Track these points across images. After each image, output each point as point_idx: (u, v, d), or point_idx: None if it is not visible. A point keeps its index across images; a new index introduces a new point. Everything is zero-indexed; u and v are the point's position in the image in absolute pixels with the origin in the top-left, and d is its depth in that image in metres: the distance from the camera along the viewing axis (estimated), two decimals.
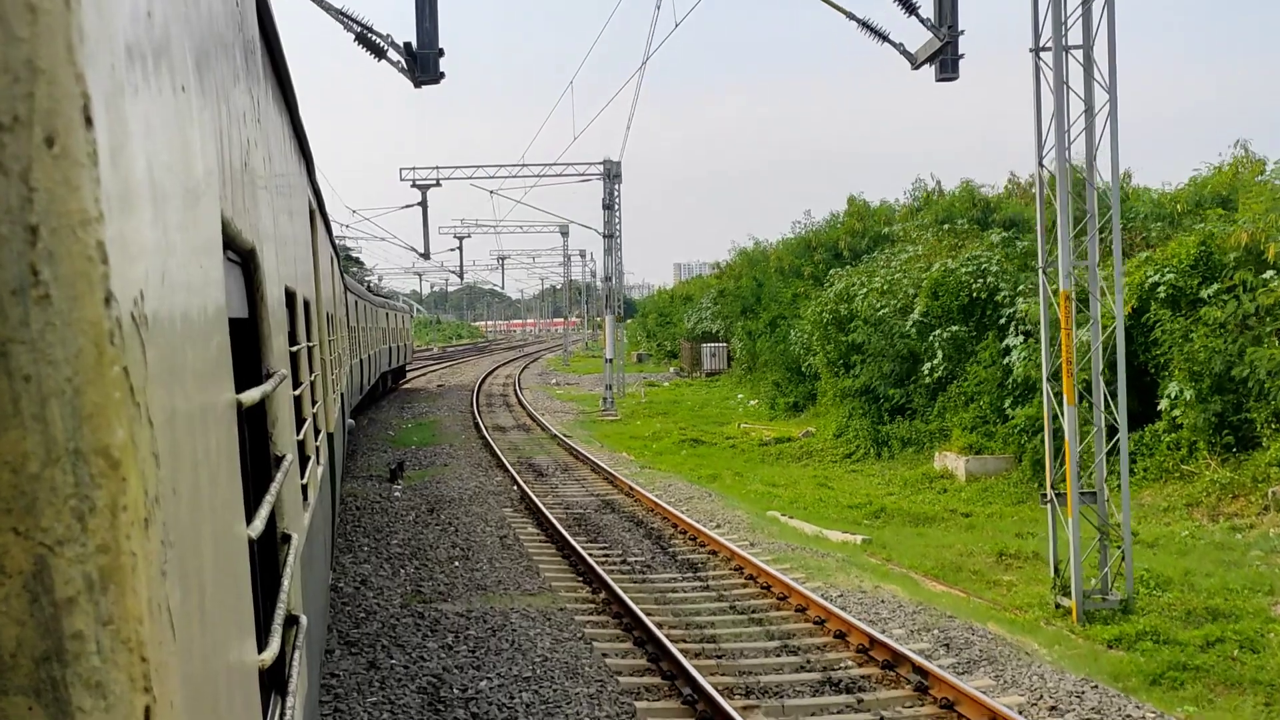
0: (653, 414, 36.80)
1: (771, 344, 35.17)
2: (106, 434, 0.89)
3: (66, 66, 0.86)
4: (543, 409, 38.23)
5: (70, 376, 0.87)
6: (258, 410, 2.71)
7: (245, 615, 1.74)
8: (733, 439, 29.71)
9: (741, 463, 25.96)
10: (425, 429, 32.20)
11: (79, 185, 0.87)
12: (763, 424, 32.54)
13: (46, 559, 0.85)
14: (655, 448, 27.99)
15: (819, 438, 28.12)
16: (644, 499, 18.77)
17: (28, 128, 0.84)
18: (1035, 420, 20.26)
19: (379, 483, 21.20)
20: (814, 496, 20.34)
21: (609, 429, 32.63)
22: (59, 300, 0.86)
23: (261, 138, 3.03)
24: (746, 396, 40.37)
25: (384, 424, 33.35)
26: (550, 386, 50.64)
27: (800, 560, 14.25)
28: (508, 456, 24.93)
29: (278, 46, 3.98)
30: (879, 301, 24.65)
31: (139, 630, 0.91)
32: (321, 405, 6.78)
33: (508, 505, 18.78)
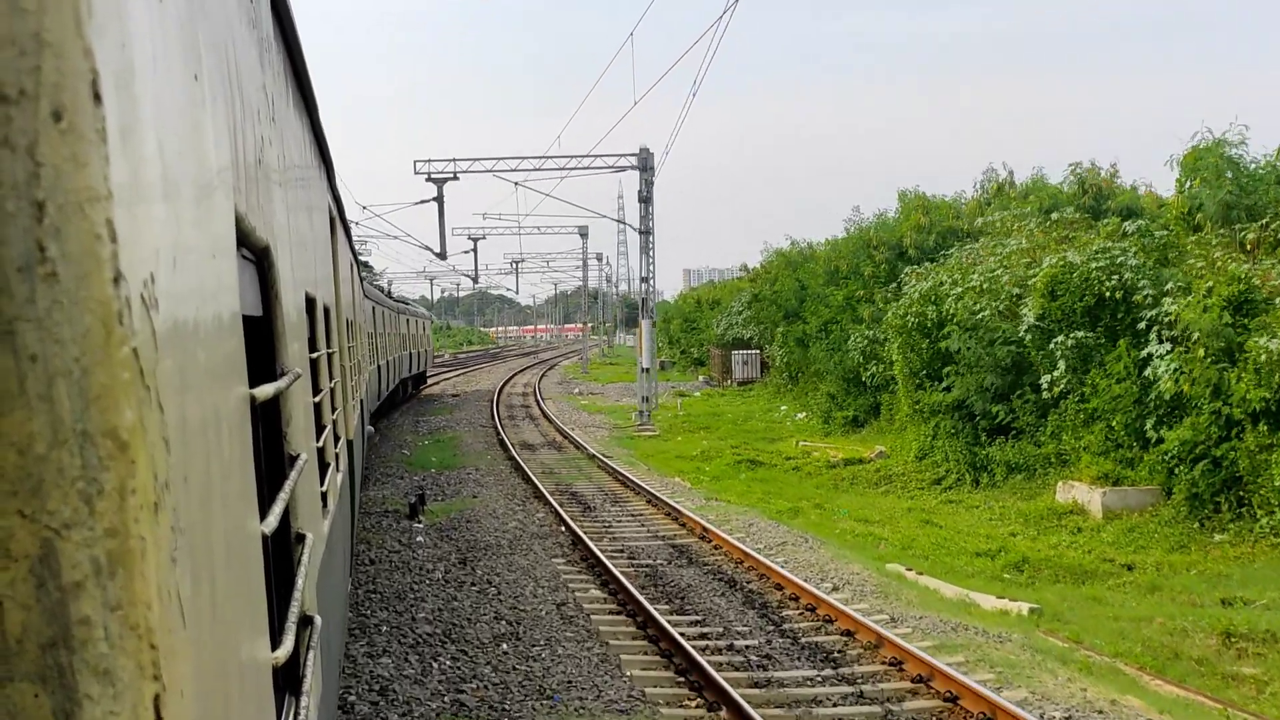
0: (693, 428, 33.01)
1: (826, 352, 31.36)
2: (115, 415, 0.86)
3: (74, 40, 0.84)
4: (571, 422, 34.45)
5: (78, 356, 0.84)
6: (272, 408, 2.64)
7: (258, 611, 1.69)
8: (794, 460, 25.92)
9: (814, 490, 22.16)
10: (444, 447, 28.42)
11: (87, 161, 0.85)
12: (822, 441, 28.73)
13: (53, 542, 0.83)
14: (710, 471, 24.19)
15: (897, 460, 24.32)
16: (726, 545, 14.97)
17: (34, 101, 0.82)
18: (1193, 445, 16.43)
19: (396, 520, 17.42)
20: (927, 539, 16.52)
21: (650, 447, 28.83)
22: (66, 278, 0.83)
23: (277, 137, 2.94)
24: (792, 409, 36.58)
25: (398, 441, 29.58)
26: (574, 396, 46.86)
27: (970, 645, 10.44)
28: (544, 483, 21.15)
29: (297, 49, 3.93)
30: (977, 303, 20.85)
31: (148, 616, 0.88)
32: (341, 412, 6.58)
33: (557, 552, 14.98)
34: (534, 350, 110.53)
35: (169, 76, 1.18)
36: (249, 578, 1.57)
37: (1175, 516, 16.60)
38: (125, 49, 0.96)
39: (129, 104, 0.96)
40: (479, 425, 33.82)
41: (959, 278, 21.68)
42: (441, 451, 27.38)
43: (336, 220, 7.98)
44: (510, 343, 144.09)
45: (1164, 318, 17.45)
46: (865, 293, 30.23)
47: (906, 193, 36.13)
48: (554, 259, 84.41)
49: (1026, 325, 19.60)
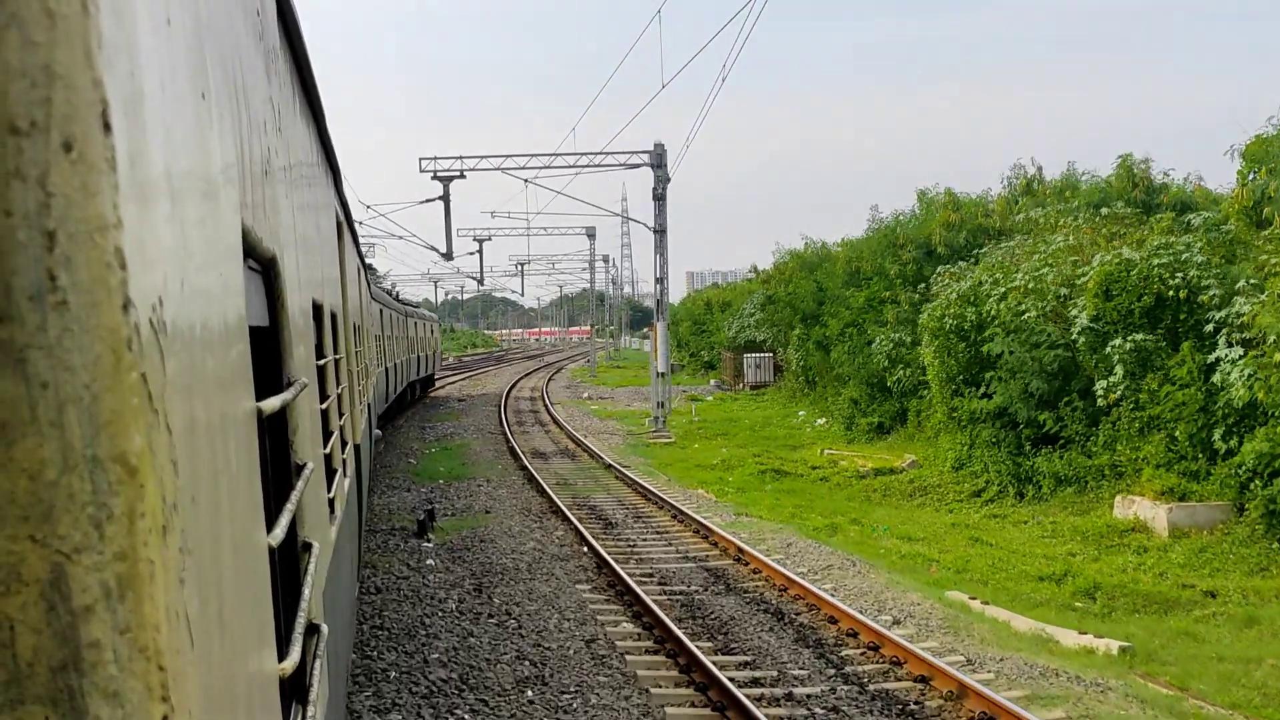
0: (710, 435, 31.62)
1: (848, 355, 29.97)
2: (124, 441, 0.88)
3: (84, 71, 0.85)
4: (583, 429, 33.07)
5: (88, 383, 0.86)
6: (279, 419, 2.60)
7: (265, 623, 1.69)
8: (820, 469, 24.52)
9: (845, 503, 20.77)
10: (452, 455, 27.05)
11: (97, 190, 0.86)
12: (846, 449, 27.33)
13: (64, 567, 0.84)
14: (733, 481, 22.79)
15: (930, 470, 22.91)
16: (766, 569, 13.59)
17: (45, 133, 0.83)
18: (1270, 458, 15.03)
19: (404, 538, 16.04)
20: (981, 561, 15.12)
21: (667, 455, 27.44)
22: (77, 306, 0.85)
23: (284, 147, 2.94)
24: (810, 414, 35.18)
25: (404, 449, 28.22)
26: (582, 401, 45.46)
27: (1067, 696, 9.05)
28: (560, 496, 19.77)
29: (304, 58, 3.91)
30: (1021, 304, 19.45)
31: (156, 638, 0.90)
32: (348, 418, 6.60)
33: (581, 577, 13.60)
34: (539, 353, 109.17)
35: (177, 98, 1.19)
36: (256, 590, 1.57)
37: (1251, 536, 15.19)
38: (134, 77, 0.97)
39: (138, 131, 0.97)
40: (487, 432, 32.45)
41: (1000, 277, 20.27)
42: (450, 461, 26.00)
43: (343, 225, 7.87)
44: (514, 345, 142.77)
45: (1235, 319, 16.04)
46: (890, 293, 28.82)
47: (927, 191, 34.76)
48: (559, 260, 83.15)
49: (1080, 327, 18.19)
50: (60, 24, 0.84)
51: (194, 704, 0.99)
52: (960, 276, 23.05)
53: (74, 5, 0.85)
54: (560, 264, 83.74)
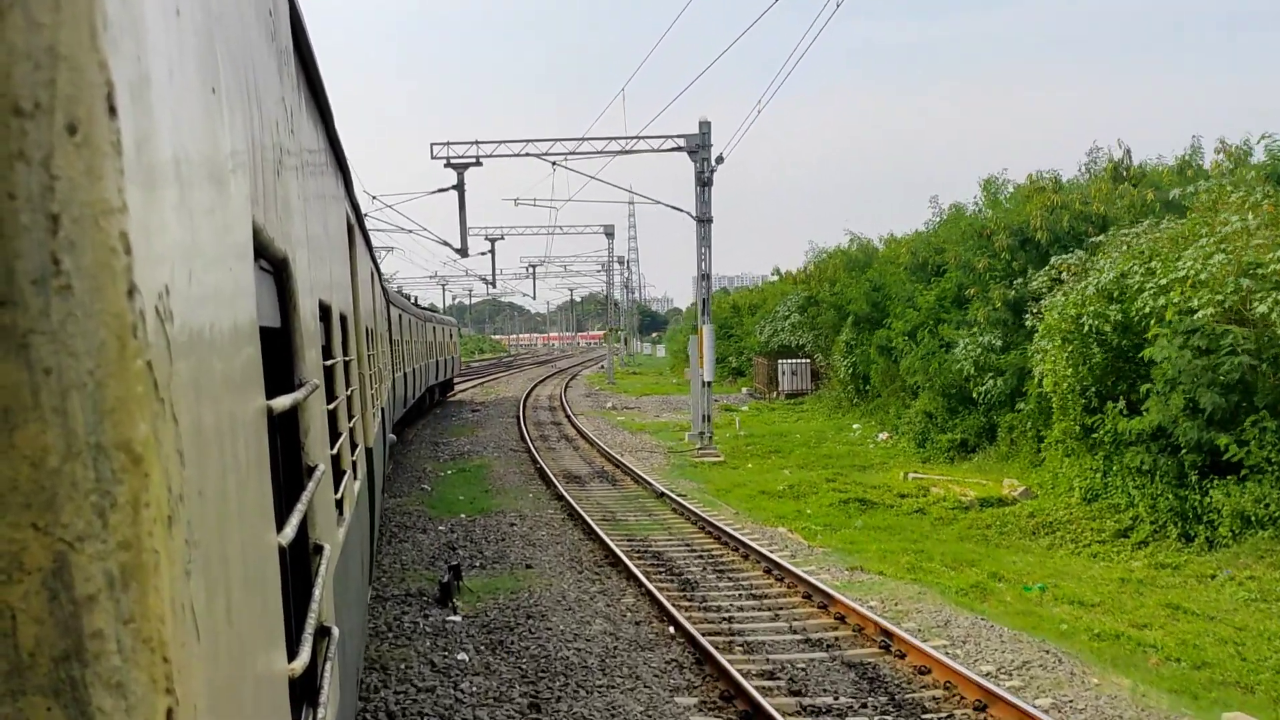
0: (761, 452, 27.50)
1: (921, 361, 25.82)
2: (129, 428, 0.86)
3: (89, 53, 0.83)
4: (616, 444, 28.95)
5: (92, 369, 0.84)
6: (290, 419, 2.62)
7: (275, 623, 1.67)
8: (910, 498, 20.37)
9: (959, 543, 16.62)
10: (472, 478, 22.94)
11: (102, 174, 0.84)
12: (932, 472, 23.20)
13: (66, 555, 0.83)
14: (814, 515, 18.66)
15: (1051, 501, 18.77)
16: (940, 669, 9.46)
17: (49, 114, 0.81)
18: None
19: (423, 608, 11.93)
20: (1214, 646, 10.94)
21: (722, 478, 23.30)
22: (80, 291, 0.83)
23: (295, 149, 2.92)
24: (867, 428, 31.05)
25: (415, 471, 24.10)
26: (607, 411, 41.31)
27: None
28: (613, 537, 15.66)
29: (311, 58, 3.89)
30: (1193, 298, 15.31)
31: (161, 630, 0.88)
32: (359, 419, 6.55)
33: (678, 679, 9.48)
34: (549, 358, 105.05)
35: (185, 89, 1.17)
36: (265, 590, 1.55)
37: None
38: (141, 61, 0.96)
39: (144, 116, 0.96)
40: (509, 449, 28.31)
41: (1157, 266, 16.16)
42: (470, 486, 21.87)
43: (355, 228, 7.81)
44: (522, 350, 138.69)
45: None
46: (978, 289, 24.69)
47: (995, 179, 30.65)
48: (572, 262, 79.09)
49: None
50: (65, 5, 0.82)
51: (199, 698, 0.97)
52: (1086, 267, 18.91)
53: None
54: (572, 265, 79.72)
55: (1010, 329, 23.61)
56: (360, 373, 7.31)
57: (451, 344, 46.49)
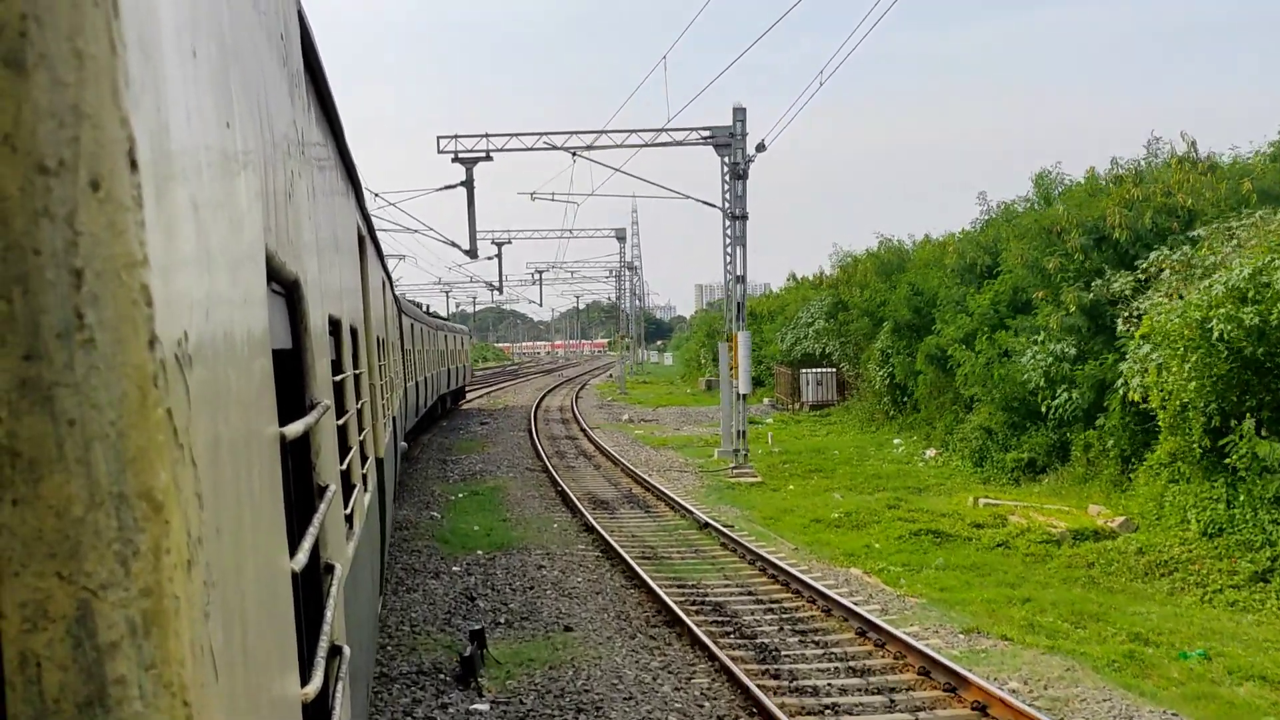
0: (801, 471, 24.83)
1: (984, 372, 23.16)
2: (150, 477, 0.87)
3: (112, 111, 0.85)
4: (639, 462, 26.29)
5: (114, 420, 0.85)
6: (301, 442, 2.58)
7: (288, 649, 1.65)
8: (985, 527, 17.68)
9: (1064, 587, 13.97)
10: (487, 505, 20.28)
11: (124, 229, 0.86)
12: (1003, 496, 20.53)
13: (90, 603, 0.84)
14: (883, 550, 15.98)
15: (1160, 535, 16.08)
16: None
17: (73, 172, 0.83)
18: None
19: (437, 688, 9.26)
20: None
21: (766, 503, 20.63)
22: (103, 344, 0.85)
23: (306, 169, 2.91)
24: (910, 444, 28.42)
25: (422, 493, 21.44)
26: (623, 424, 38.64)
27: None
28: (662, 583, 13.03)
29: (322, 76, 3.90)
30: None
31: (181, 674, 0.89)
32: (370, 431, 6.57)
33: None
34: (554, 367, 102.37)
35: (202, 130, 1.17)
36: (279, 617, 1.54)
37: None
38: (160, 112, 0.96)
39: (164, 166, 0.97)
40: (524, 467, 25.64)
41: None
42: (485, 514, 19.21)
43: (366, 239, 7.78)
44: (526, 359, 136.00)
45: None
46: (1046, 292, 22.05)
47: (1048, 173, 28.06)
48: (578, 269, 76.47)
49: None
50: (89, 64, 0.84)
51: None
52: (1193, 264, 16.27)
53: (102, 45, 0.84)
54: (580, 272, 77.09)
55: (1085, 336, 20.98)
56: (371, 383, 7.27)
57: (463, 352, 45.91)
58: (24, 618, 0.82)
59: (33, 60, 0.81)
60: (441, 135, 31.10)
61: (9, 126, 0.82)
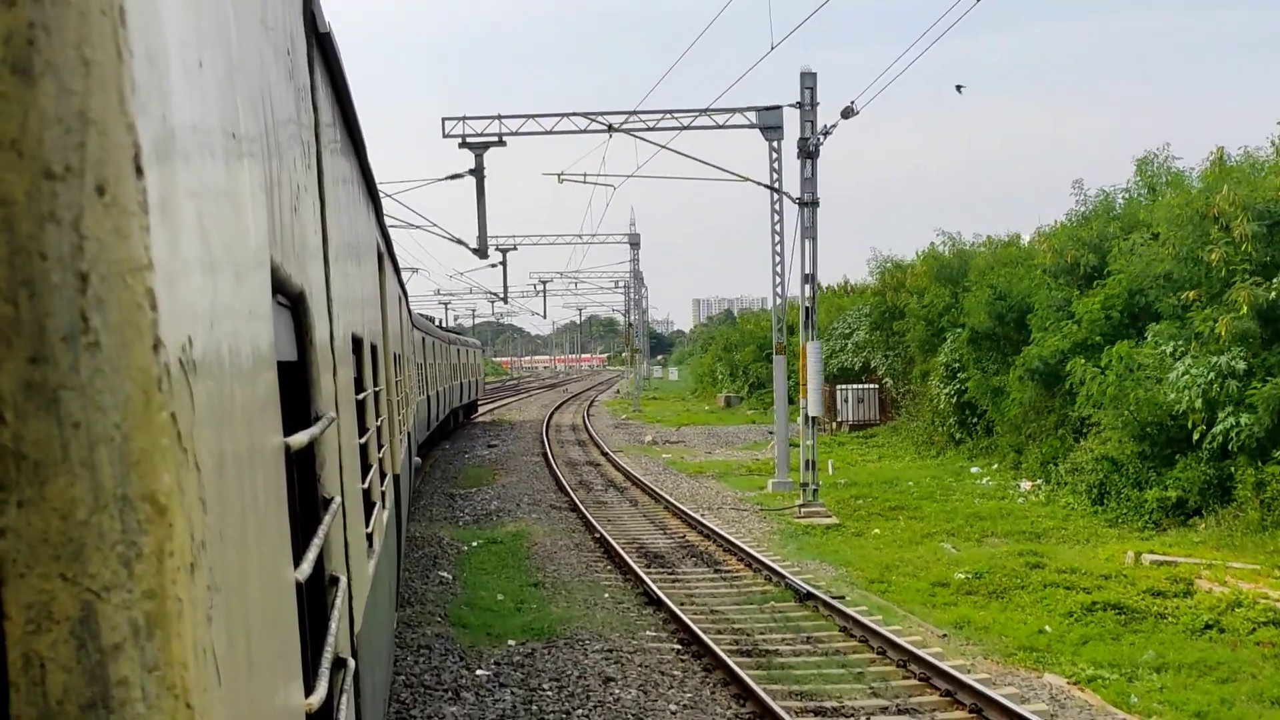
0: (882, 509, 20.36)
1: (1114, 390, 18.71)
2: (154, 480, 0.87)
3: (118, 117, 0.85)
4: (684, 496, 21.81)
5: (119, 423, 0.84)
6: (306, 453, 2.56)
7: (292, 658, 1.66)
8: (1166, 596, 13.23)
9: None
10: (508, 557, 15.77)
11: (129, 233, 0.86)
12: (1167, 549, 16.04)
13: (93, 605, 0.83)
14: (1058, 635, 11.49)
15: None
16: None
17: (79, 177, 0.83)
18: None
19: None
20: None
21: (858, 555, 16.10)
22: (108, 347, 0.84)
23: (315, 183, 2.91)
24: (995, 474, 23.99)
25: (430, 544, 16.90)
26: (648, 447, 34.12)
27: None
28: (794, 709, 8.55)
29: (346, 95, 3.90)
30: None
31: (184, 676, 0.89)
32: (387, 450, 6.49)
33: None
34: (556, 382, 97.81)
35: (208, 139, 1.17)
36: (283, 626, 1.54)
37: None
38: (166, 120, 0.96)
39: (169, 173, 0.96)
40: (547, 504, 21.11)
41: None
42: (509, 574, 14.69)
43: (384, 255, 7.72)
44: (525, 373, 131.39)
45: None
46: (1199, 291, 17.66)
47: (1152, 158, 23.72)
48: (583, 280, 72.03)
49: None
50: (95, 71, 0.83)
51: None
52: None
53: (109, 52, 0.84)
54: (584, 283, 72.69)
55: (1258, 345, 16.58)
56: (389, 400, 7.16)
57: (475, 366, 45.18)
58: (28, 619, 0.82)
59: (40, 67, 0.81)
60: (448, 117, 26.72)
61: (16, 132, 0.81)
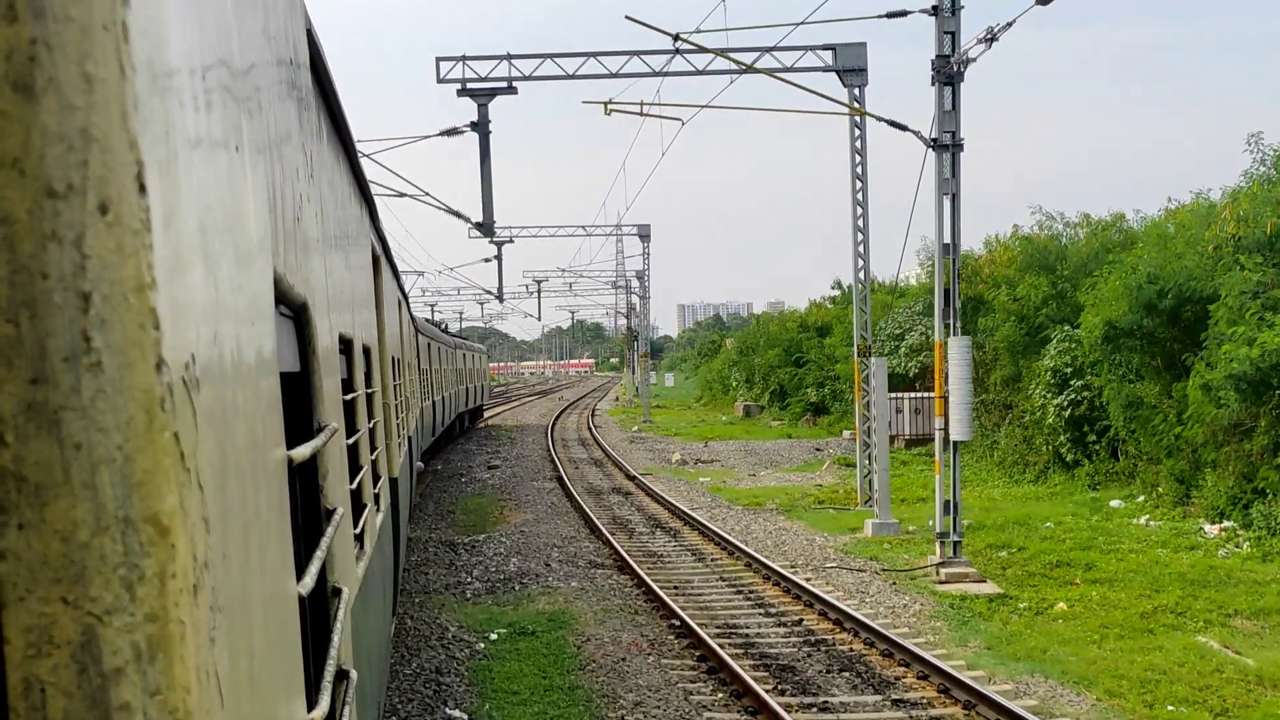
0: (1042, 566, 14.62)
1: None
2: (156, 501, 0.84)
3: (120, 134, 0.83)
4: (766, 545, 16.00)
5: (121, 444, 0.82)
6: (309, 465, 2.47)
7: (295, 674, 1.59)
8: None
9: None
10: (548, 668, 9.93)
11: (132, 252, 0.84)
12: None
13: (95, 629, 0.81)
14: None
15: None
16: None
17: (81, 195, 0.81)
18: None
19: None
20: None
21: (1087, 663, 10.32)
22: (110, 367, 0.82)
23: (315, 193, 2.80)
24: (1153, 512, 18.33)
25: (427, 625, 11.01)
26: (678, 467, 28.25)
27: None
28: None
29: (335, 99, 3.84)
30: None
31: (186, 700, 0.85)
32: (382, 451, 6.50)
33: None
34: (547, 389, 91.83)
35: (210, 153, 1.14)
36: (286, 642, 1.49)
37: None
38: (169, 137, 0.94)
39: (172, 190, 0.94)
40: (584, 561, 15.21)
41: None
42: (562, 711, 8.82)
43: (381, 258, 7.62)
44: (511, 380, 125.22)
45: None
46: None
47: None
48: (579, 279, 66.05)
49: None
50: (98, 88, 0.82)
51: None
52: None
53: (111, 69, 0.83)
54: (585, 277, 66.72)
55: None
56: (385, 403, 7.19)
57: (480, 371, 43.82)
58: (28, 643, 0.80)
59: (42, 84, 0.80)
60: (444, 57, 20.82)
61: (18, 150, 0.80)
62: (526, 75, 20.67)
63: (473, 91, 20.51)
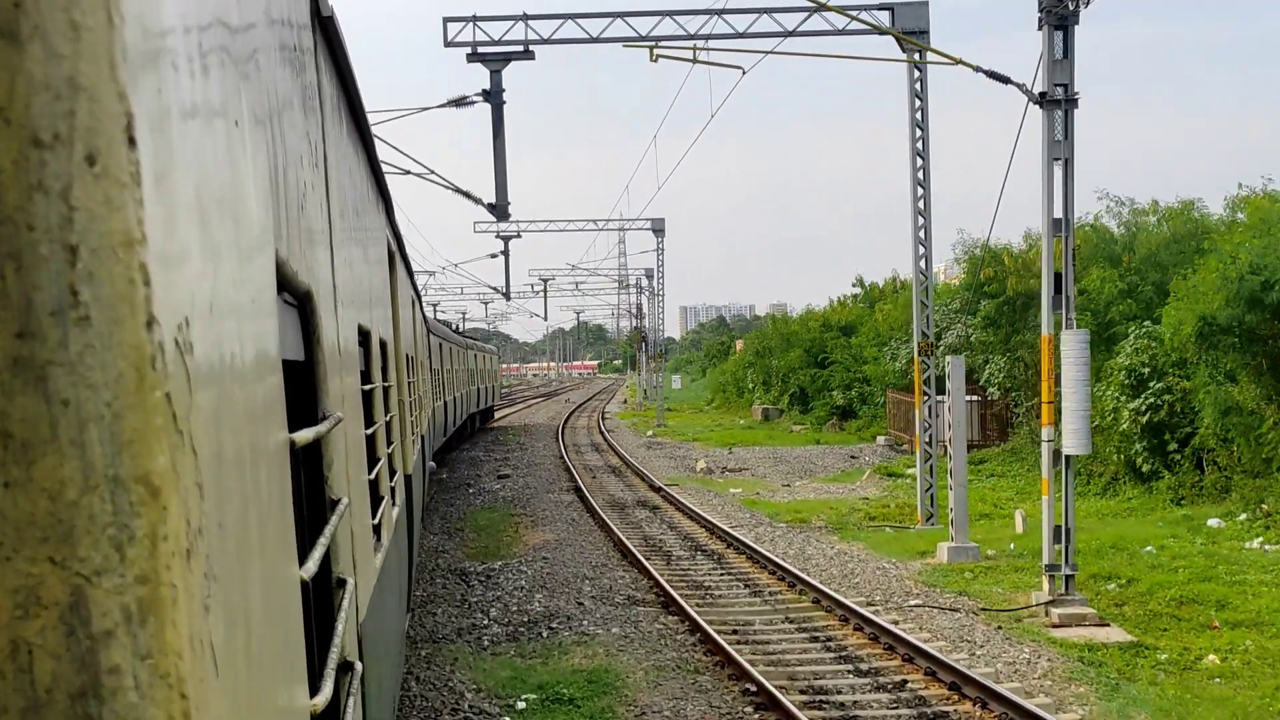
0: (1164, 604, 12.17)
1: None
2: (147, 461, 0.81)
3: (109, 84, 0.81)
4: (830, 575, 13.56)
5: (110, 401, 0.80)
6: (313, 453, 2.43)
7: (296, 658, 1.55)
8: None
9: None
10: None
11: (121, 205, 0.81)
12: None
13: (84, 590, 0.79)
14: None
15: None
16: None
17: (68, 145, 0.79)
18: None
19: None
20: None
21: None
22: (99, 322, 0.80)
23: (323, 182, 2.75)
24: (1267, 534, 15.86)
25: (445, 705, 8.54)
26: (704, 477, 25.78)
27: None
28: None
29: (355, 94, 3.76)
30: None
31: (179, 665, 0.83)
32: (397, 446, 6.32)
33: None
34: (550, 391, 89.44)
35: (208, 123, 1.12)
36: (286, 624, 1.45)
37: None
38: (161, 94, 0.92)
39: (164, 148, 0.92)
40: (621, 596, 12.76)
41: None
42: None
43: (396, 255, 7.41)
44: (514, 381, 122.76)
45: None
46: None
47: None
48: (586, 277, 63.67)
49: None
50: (85, 36, 0.79)
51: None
52: None
53: (99, 17, 0.80)
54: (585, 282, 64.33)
55: None
56: (400, 399, 7.04)
57: (491, 371, 43.18)
58: (15, 604, 0.77)
59: (27, 31, 0.77)
60: (452, 17, 18.38)
61: (3, 99, 0.77)
62: (545, 38, 18.26)
63: (484, 56, 18.08)
